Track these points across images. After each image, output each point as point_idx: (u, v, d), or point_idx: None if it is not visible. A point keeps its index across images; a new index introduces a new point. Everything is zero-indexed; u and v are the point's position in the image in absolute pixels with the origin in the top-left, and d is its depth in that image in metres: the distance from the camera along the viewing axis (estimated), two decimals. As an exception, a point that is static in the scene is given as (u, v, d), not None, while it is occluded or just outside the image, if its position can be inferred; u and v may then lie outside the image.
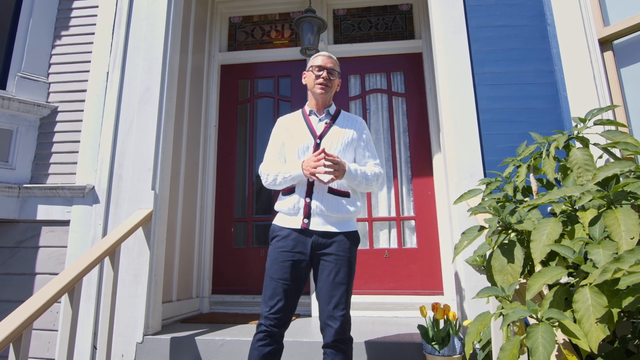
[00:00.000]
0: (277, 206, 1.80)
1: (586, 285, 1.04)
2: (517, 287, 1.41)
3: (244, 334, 2.33)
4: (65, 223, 2.46)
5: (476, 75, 2.34)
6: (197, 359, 2.22)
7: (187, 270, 3.07)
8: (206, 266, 3.34)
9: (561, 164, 1.75)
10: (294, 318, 2.90)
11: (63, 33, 2.73)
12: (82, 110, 2.59)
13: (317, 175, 1.61)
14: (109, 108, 2.56)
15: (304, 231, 1.67)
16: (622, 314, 1.15)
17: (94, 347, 2.30)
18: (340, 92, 3.54)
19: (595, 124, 1.67)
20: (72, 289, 1.75)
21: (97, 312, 2.34)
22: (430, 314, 2.12)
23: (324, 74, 1.78)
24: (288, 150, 1.82)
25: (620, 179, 1.29)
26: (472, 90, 2.32)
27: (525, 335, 0.97)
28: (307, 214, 1.67)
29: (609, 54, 2.11)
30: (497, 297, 1.43)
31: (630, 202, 1.27)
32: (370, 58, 3.59)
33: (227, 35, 3.84)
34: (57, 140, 2.61)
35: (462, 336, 2.01)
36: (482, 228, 1.49)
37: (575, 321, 1.05)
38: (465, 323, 1.96)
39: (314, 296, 3.09)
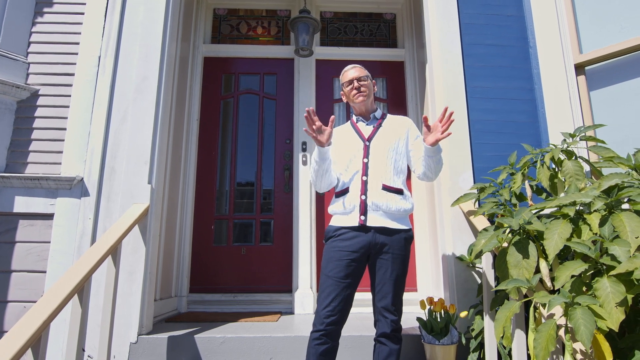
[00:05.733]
0: (331, 209, 1.84)
1: (604, 275, 1.24)
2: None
3: (242, 331, 2.32)
4: (48, 217, 2.25)
5: (468, 89, 2.55)
6: (195, 359, 2.17)
7: (168, 268, 2.96)
8: (185, 264, 3.24)
9: (550, 173, 1.99)
10: (278, 316, 2.93)
11: (46, 10, 2.48)
12: (69, 96, 2.38)
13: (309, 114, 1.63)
14: (101, 95, 2.38)
15: (361, 228, 1.71)
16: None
17: (82, 350, 2.14)
18: (325, 94, 3.62)
19: (581, 139, 1.94)
20: (82, 289, 1.64)
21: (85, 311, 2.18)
22: (428, 307, 2.29)
23: (355, 84, 1.88)
24: (339, 156, 1.86)
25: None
26: (464, 102, 2.53)
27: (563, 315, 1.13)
28: (364, 211, 1.71)
29: (582, 78, 2.43)
30: (509, 289, 1.61)
31: (622, 205, 1.51)
32: (354, 62, 3.71)
33: (212, 27, 3.74)
34: (38, 127, 2.37)
35: (457, 327, 2.20)
36: (497, 228, 1.67)
37: (595, 306, 1.24)
38: (462, 315, 2.14)
39: (296, 294, 3.14)
